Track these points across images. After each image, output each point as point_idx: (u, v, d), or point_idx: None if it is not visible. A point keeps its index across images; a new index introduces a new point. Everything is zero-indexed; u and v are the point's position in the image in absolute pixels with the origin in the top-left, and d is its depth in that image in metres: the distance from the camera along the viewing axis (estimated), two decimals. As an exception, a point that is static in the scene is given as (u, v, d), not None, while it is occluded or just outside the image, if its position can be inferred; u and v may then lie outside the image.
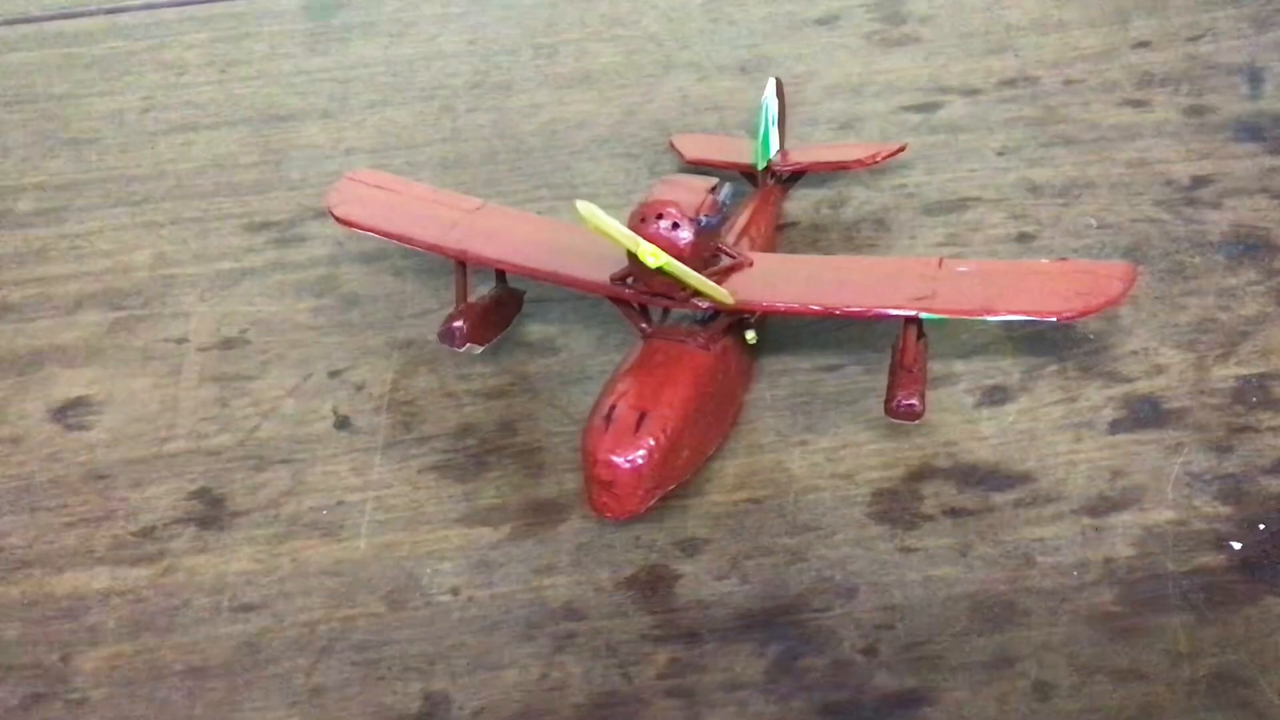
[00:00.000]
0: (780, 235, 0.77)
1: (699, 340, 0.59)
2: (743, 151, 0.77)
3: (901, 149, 0.76)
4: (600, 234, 0.53)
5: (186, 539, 0.62)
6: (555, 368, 0.70)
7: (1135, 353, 0.67)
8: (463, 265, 0.65)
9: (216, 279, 0.77)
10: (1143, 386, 0.65)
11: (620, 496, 0.54)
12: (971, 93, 0.87)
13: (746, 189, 0.72)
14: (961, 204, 0.78)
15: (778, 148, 0.77)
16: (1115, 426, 0.63)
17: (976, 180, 0.80)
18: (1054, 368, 0.66)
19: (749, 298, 0.57)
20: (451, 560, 0.60)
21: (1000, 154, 0.81)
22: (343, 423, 0.67)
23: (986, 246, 0.75)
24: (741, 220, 0.71)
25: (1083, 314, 0.56)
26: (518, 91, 0.92)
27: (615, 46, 0.96)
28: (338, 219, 0.66)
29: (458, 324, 0.63)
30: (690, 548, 0.60)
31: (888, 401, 0.58)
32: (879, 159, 0.75)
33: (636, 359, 0.58)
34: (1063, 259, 0.67)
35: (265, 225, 0.81)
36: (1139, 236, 0.74)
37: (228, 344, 0.73)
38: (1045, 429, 0.63)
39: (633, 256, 0.55)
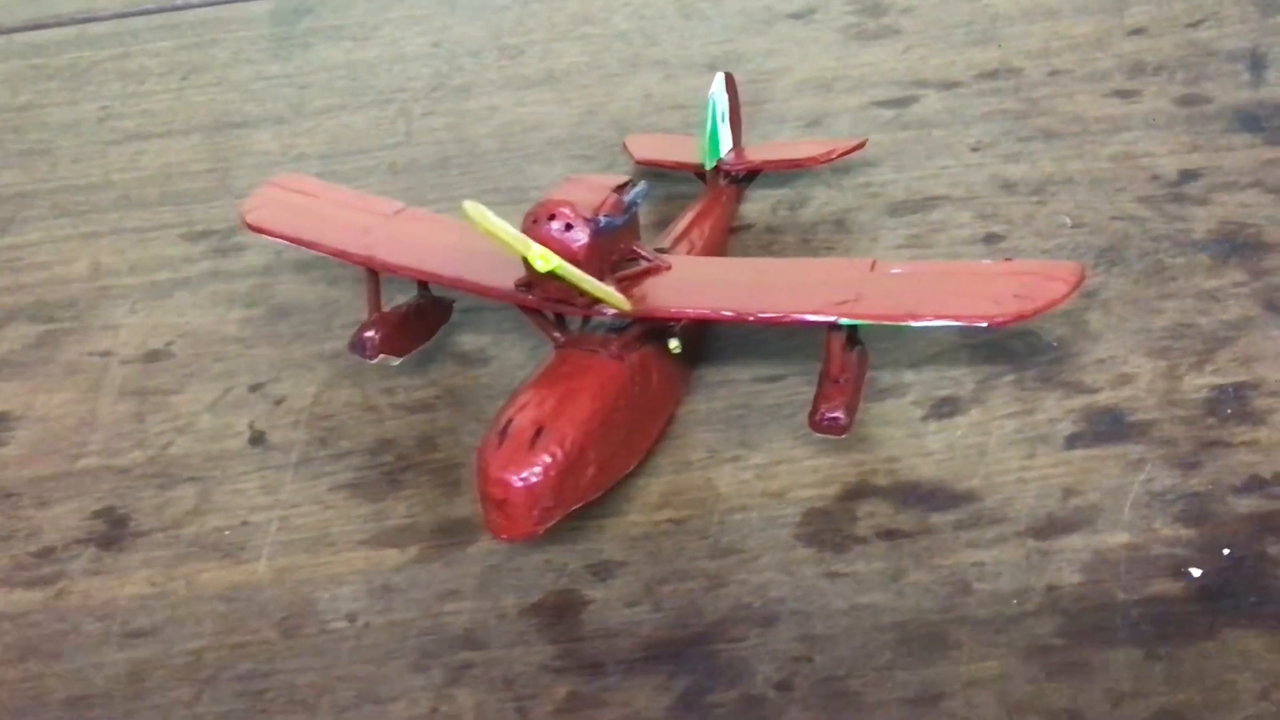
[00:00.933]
0: (734, 238, 0.73)
1: (611, 350, 0.56)
2: (694, 150, 0.73)
3: (860, 145, 0.73)
4: (490, 237, 0.50)
5: (85, 560, 0.60)
6: (484, 379, 0.67)
7: (1101, 361, 0.62)
8: (374, 272, 0.63)
9: (150, 290, 0.76)
10: (1106, 398, 0.60)
11: (514, 517, 0.51)
12: (949, 86, 0.83)
13: (651, 188, 0.63)
14: (928, 203, 0.74)
15: (730, 146, 0.74)
16: (1072, 441, 0.58)
17: (946, 178, 0.75)
18: (1011, 377, 0.62)
19: (656, 304, 0.54)
20: (352, 584, 0.57)
21: (974, 150, 0.77)
22: (258, 438, 0.65)
23: (950, 248, 0.71)
24: (683, 222, 0.68)
25: (1018, 318, 0.52)
26: (477, 94, 0.90)
27: (582, 45, 0.94)
28: (249, 225, 0.65)
29: (368, 334, 0.61)
30: (603, 571, 0.56)
31: (811, 414, 0.54)
32: (834, 156, 0.71)
33: (543, 370, 0.55)
34: (1007, 259, 0.62)
35: (205, 234, 0.79)
36: (1116, 236, 0.70)
37: (152, 357, 0.71)
38: (996, 444, 0.59)
39: (527, 261, 0.52)
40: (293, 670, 0.54)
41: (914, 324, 0.52)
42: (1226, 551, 0.53)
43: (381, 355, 0.61)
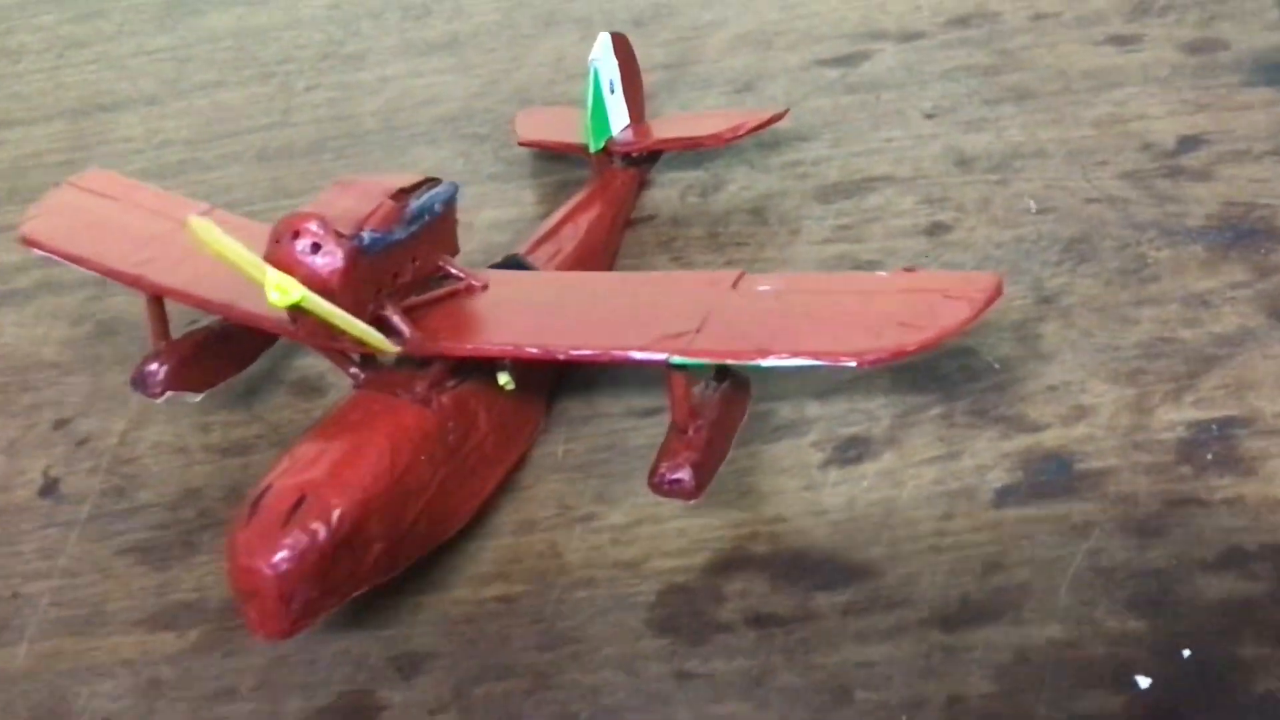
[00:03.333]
0: (631, 232, 0.63)
1: (416, 390, 0.46)
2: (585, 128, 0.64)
3: (779, 117, 0.61)
4: (221, 261, 0.42)
5: None
6: (317, 414, 0.58)
7: (1053, 389, 0.51)
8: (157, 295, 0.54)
9: (-26, 305, 0.69)
10: (1053, 438, 0.49)
11: (267, 612, 0.41)
12: (909, 37, 0.71)
13: (457, 188, 0.51)
14: (866, 185, 0.62)
15: (624, 122, 0.64)
16: (1004, 496, 0.47)
17: (891, 153, 0.64)
18: (937, 410, 0.51)
19: (445, 340, 0.44)
20: (116, 678, 0.49)
21: (929, 117, 0.66)
22: (50, 487, 0.57)
23: (885, 242, 0.59)
24: (553, 219, 0.58)
25: (896, 355, 0.41)
26: (370, 63, 0.80)
27: (496, 2, 0.84)
28: (24, 239, 0.56)
29: (150, 368, 0.52)
30: (409, 666, 0.47)
31: (650, 473, 0.44)
32: (742, 133, 0.60)
33: (327, 419, 0.46)
34: (910, 268, 0.50)
35: (45, 238, 0.72)
36: (1090, 223, 0.57)
37: (-44, 387, 0.64)
38: (908, 499, 0.48)
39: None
40: (27, 790, 0.46)
41: (763, 363, 0.42)
42: (1187, 653, 0.41)
43: (170, 393, 0.53)
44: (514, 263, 0.54)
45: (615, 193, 0.61)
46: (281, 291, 0.40)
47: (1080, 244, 0.56)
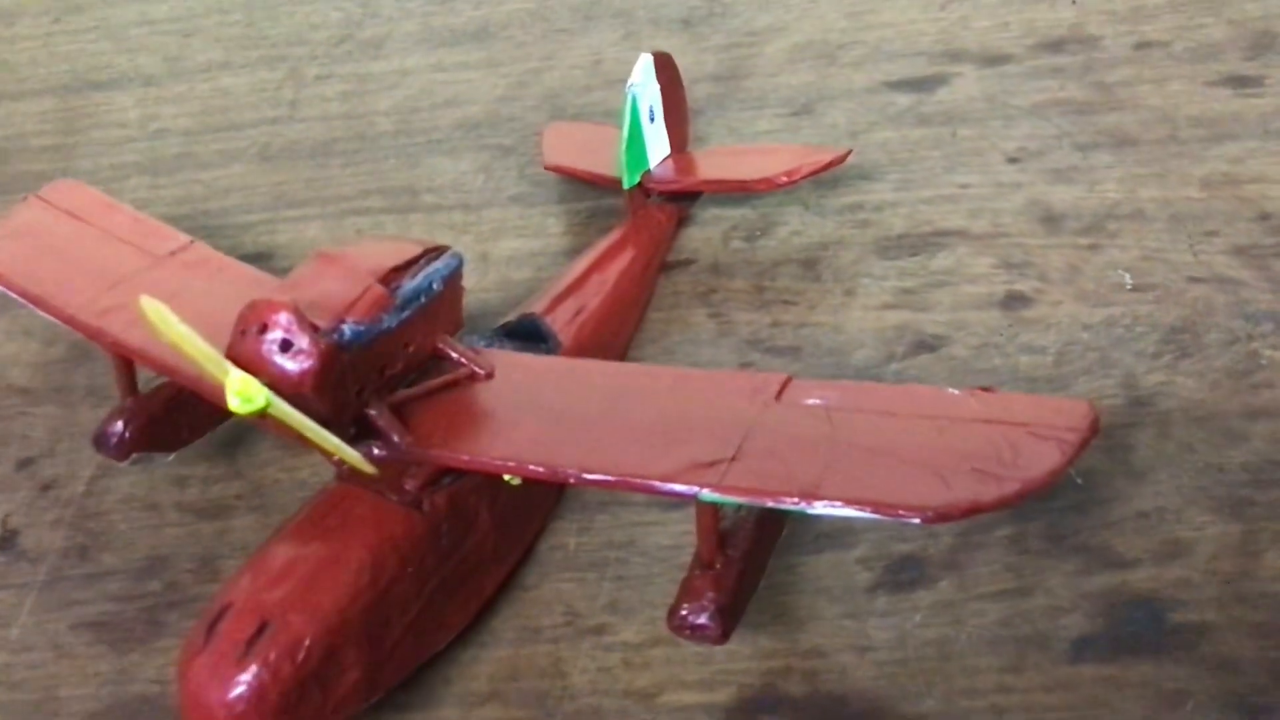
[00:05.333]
0: (664, 279, 0.58)
1: (405, 488, 0.40)
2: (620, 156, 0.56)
3: (840, 160, 0.54)
4: (179, 353, 0.36)
5: None
6: (304, 474, 0.53)
7: (1144, 515, 0.45)
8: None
9: (-60, 313, 0.64)
10: (1142, 579, 0.43)
11: (219, 754, 0.38)
12: (993, 61, 0.64)
13: (460, 263, 0.44)
14: (935, 240, 0.56)
15: (664, 153, 0.57)
16: (1082, 649, 0.41)
17: (967, 202, 0.57)
18: (1007, 531, 0.45)
19: (439, 447, 0.38)
20: (59, 784, 0.45)
21: (1012, 161, 0.59)
22: (7, 539, 0.52)
23: (953, 313, 0.53)
24: (579, 266, 0.52)
25: (968, 512, 0.35)
26: (388, 51, 0.74)
27: (531, -14, 0.78)
28: (-27, 269, 0.51)
29: (114, 427, 0.47)
30: (385, 800, 0.43)
31: (670, 611, 0.39)
32: (798, 178, 0.53)
33: (299, 519, 0.40)
34: (985, 388, 0.41)
35: (23, 237, 0.67)
36: (1194, 307, 0.51)
37: (-87, 411, 0.60)
38: (968, 642, 0.42)
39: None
40: None
41: (808, 509, 0.36)
42: None
43: (135, 455, 0.48)
44: (529, 326, 0.49)
45: (650, 235, 0.54)
46: (244, 399, 0.34)
47: (1182, 334, 0.50)
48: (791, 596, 0.44)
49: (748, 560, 0.39)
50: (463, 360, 0.41)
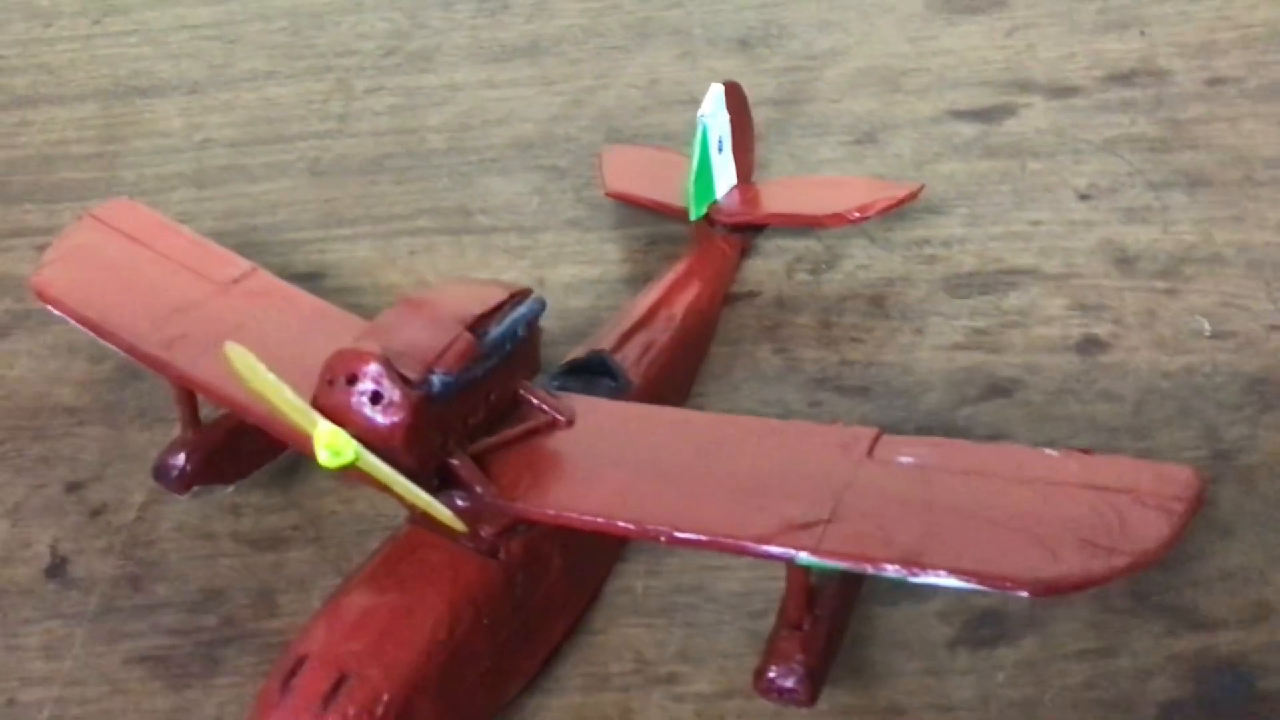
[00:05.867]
0: (727, 309, 0.57)
1: (482, 536, 0.39)
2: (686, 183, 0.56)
3: (912, 196, 0.54)
4: (263, 403, 0.36)
5: None
6: (360, 506, 0.52)
7: (1229, 575, 0.44)
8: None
9: (-19, 327, 0.64)
10: (1229, 642, 0.42)
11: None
12: (1061, 93, 0.63)
13: (543, 308, 0.42)
14: (1007, 279, 0.55)
15: (731, 182, 0.57)
16: (1171, 713, 0.40)
17: (1038, 240, 0.56)
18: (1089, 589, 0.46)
19: (525, 500, 0.37)
20: (116, 828, 0.44)
21: (1084, 198, 0.58)
22: (58, 567, 0.52)
23: (1027, 355, 0.52)
24: (647, 299, 0.50)
25: (1080, 586, 0.34)
26: (438, 65, 0.73)
27: (583, 3, 0.77)
28: (37, 292, 0.49)
29: (175, 459, 0.46)
30: None
31: (756, 672, 0.38)
32: (869, 214, 0.53)
33: (374, 564, 0.40)
34: (1083, 449, 0.40)
35: (66, 249, 0.66)
36: (1276, 357, 0.49)
37: (-45, 429, 0.59)
38: (1054, 705, 0.41)
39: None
40: None
41: (911, 578, 0.36)
42: None
43: (197, 487, 0.48)
44: (598, 363, 0.48)
45: (716, 268, 0.54)
46: (333, 452, 0.33)
47: (1263, 385, 0.49)
48: (868, 650, 0.44)
49: (834, 621, 0.38)
50: (543, 407, 0.40)
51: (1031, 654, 0.43)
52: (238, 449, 0.48)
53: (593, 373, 0.48)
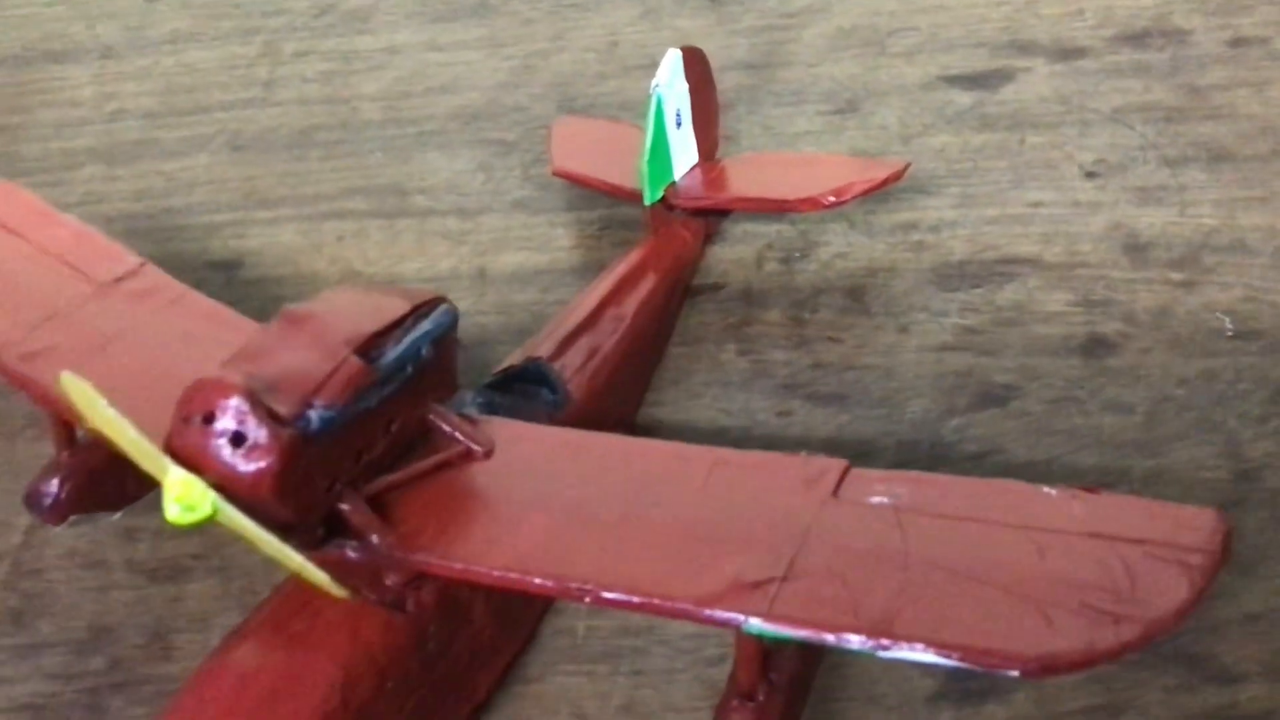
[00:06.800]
0: (688, 303, 0.52)
1: (387, 584, 0.34)
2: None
3: (897, 177, 0.48)
4: (108, 441, 0.30)
5: None
6: (271, 531, 0.48)
7: (1254, 618, 0.38)
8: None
9: None
10: (1253, 697, 0.36)
11: None
12: (1066, 55, 0.57)
13: (453, 317, 0.37)
14: (1002, 269, 0.50)
15: (692, 160, 0.52)
16: (1183, 784, 0.37)
17: (1039, 224, 0.51)
18: (1093, 635, 0.41)
19: (422, 546, 0.32)
20: None
21: (1090, 176, 0.53)
22: (-70, 602, 0.48)
23: (1025, 358, 0.47)
24: (592, 297, 0.45)
25: (1081, 664, 0.28)
26: (376, 25, 0.67)
27: (541, -47, 0.71)
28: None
29: (47, 486, 0.41)
30: None
31: None
32: (847, 198, 0.47)
33: (258, 619, 0.35)
34: (1090, 488, 0.34)
35: (-41, 236, 0.61)
36: (1308, 361, 0.47)
37: None
38: (1048, 771, 0.38)
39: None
40: None
41: (880, 652, 0.31)
42: None
43: (74, 516, 0.43)
44: (535, 372, 0.43)
45: (674, 259, 0.48)
46: (185, 505, 0.28)
47: (1291, 392, 0.45)
48: (839, 704, 0.39)
49: (794, 688, 0.33)
50: (457, 435, 0.35)
51: (1026, 712, 0.38)
52: (123, 471, 0.43)
53: (530, 383, 0.44)
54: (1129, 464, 0.43)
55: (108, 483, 0.43)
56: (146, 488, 0.46)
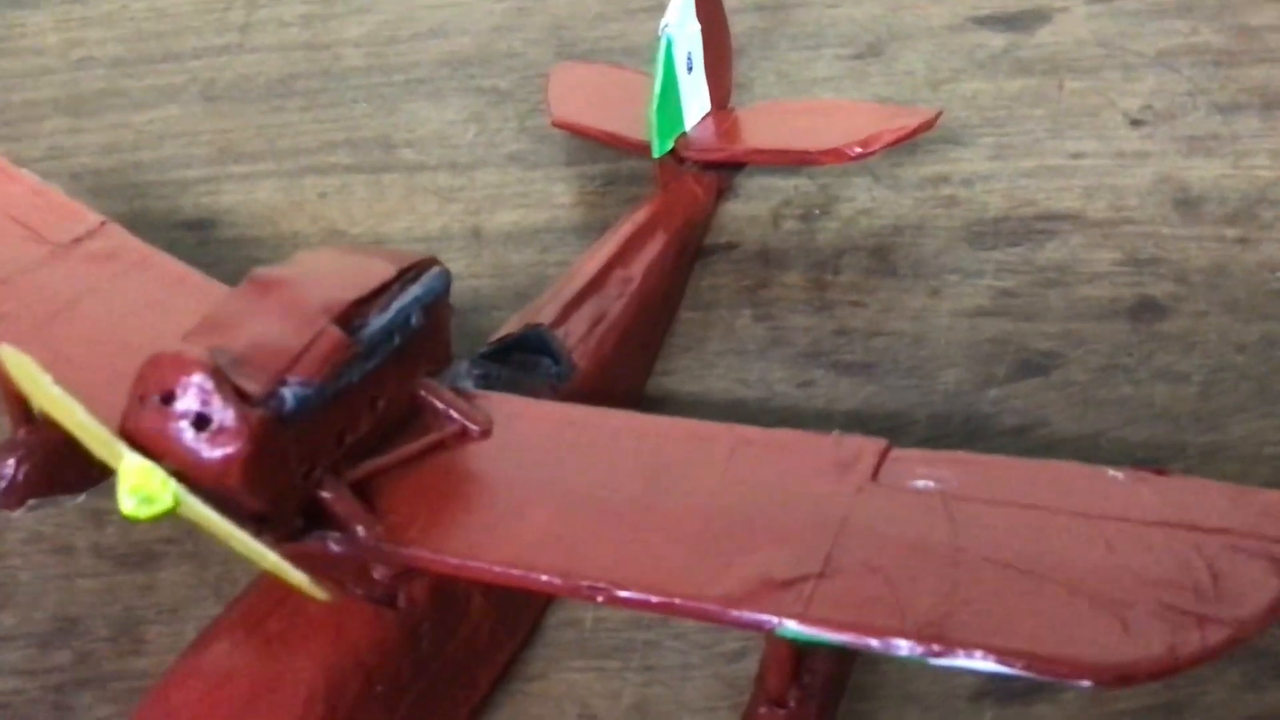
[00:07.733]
0: (699, 264, 0.49)
1: (375, 578, 0.32)
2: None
3: (928, 125, 0.45)
4: (56, 425, 0.28)
5: None
6: (249, 514, 0.45)
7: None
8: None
9: None
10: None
11: None
12: (1107, -6, 0.56)
13: (444, 280, 0.34)
14: (1041, 226, 0.47)
15: (704, 109, 0.48)
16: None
17: (1080, 176, 0.48)
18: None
19: (412, 537, 0.29)
20: None
21: (1136, 124, 0.50)
22: (-114, 592, 0.45)
23: (1067, 323, 0.44)
24: (598, 257, 0.42)
25: (1159, 673, 0.26)
26: (361, -34, 0.65)
27: (535, -113, 0.68)
28: None
29: (1, 468, 0.36)
30: None
31: None
32: (874, 149, 0.43)
33: (234, 615, 0.32)
34: (1159, 469, 0.31)
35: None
36: (1379, 325, 0.44)
37: None
38: (1102, 778, 0.36)
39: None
40: None
41: (931, 660, 0.28)
42: None
43: (33, 500, 0.40)
44: (536, 340, 0.40)
45: (685, 215, 0.45)
46: (141, 496, 0.25)
47: (1360, 359, 0.42)
48: (873, 704, 0.36)
49: (827, 693, 0.31)
50: (451, 412, 0.32)
51: (1077, 711, 0.35)
52: (86, 449, 0.40)
53: (530, 352, 0.41)
54: (1184, 439, 0.41)
55: (69, 463, 0.40)
56: (111, 470, 0.45)
